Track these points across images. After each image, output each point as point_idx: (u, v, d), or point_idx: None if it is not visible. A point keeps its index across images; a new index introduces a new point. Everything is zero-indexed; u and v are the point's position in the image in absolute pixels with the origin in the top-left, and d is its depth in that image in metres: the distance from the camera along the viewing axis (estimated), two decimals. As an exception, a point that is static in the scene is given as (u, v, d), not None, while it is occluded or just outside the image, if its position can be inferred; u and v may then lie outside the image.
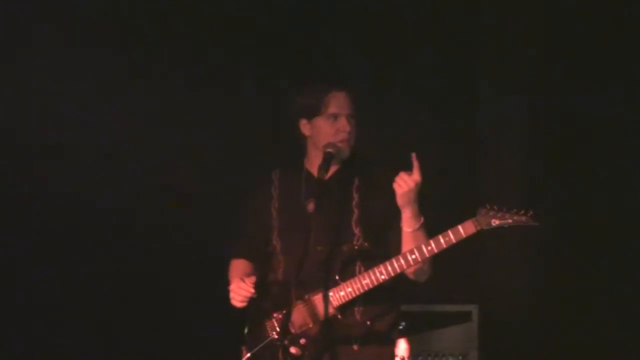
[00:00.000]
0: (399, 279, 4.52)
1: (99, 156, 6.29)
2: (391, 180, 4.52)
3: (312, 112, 4.62)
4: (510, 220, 4.34)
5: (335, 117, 4.58)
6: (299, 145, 4.70)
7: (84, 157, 6.25)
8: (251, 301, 4.56)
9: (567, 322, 6.22)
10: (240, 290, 4.53)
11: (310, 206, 4.49)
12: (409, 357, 5.95)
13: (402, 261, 4.40)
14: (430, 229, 4.47)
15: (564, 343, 6.20)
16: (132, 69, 6.26)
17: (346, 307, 4.47)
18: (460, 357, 6.05)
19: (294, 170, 4.72)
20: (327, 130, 4.60)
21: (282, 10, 6.57)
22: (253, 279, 4.56)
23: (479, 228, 4.35)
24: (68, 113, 6.17)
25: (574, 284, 6.22)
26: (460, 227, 4.36)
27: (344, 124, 4.57)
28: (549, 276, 6.33)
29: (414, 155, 4.45)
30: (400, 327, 4.70)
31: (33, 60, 6.13)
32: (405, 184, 4.43)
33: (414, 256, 4.38)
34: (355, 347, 4.52)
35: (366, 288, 4.43)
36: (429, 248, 4.37)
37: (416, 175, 4.44)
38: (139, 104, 6.30)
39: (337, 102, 4.58)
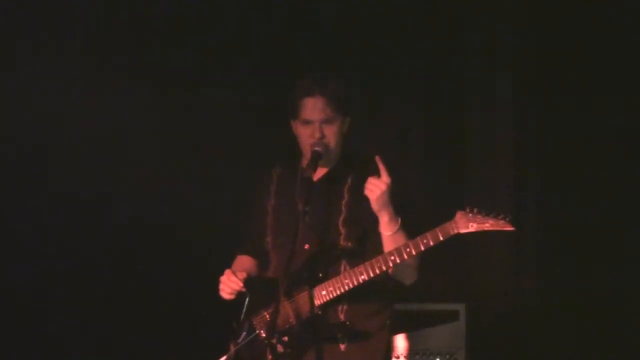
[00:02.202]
0: (388, 279, 4.55)
1: (100, 156, 6.33)
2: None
3: (293, 115, 4.67)
4: (487, 225, 4.34)
5: (307, 122, 4.61)
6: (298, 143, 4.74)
7: (86, 158, 6.29)
8: (239, 296, 4.60)
9: (554, 321, 6.25)
10: (230, 283, 4.57)
11: (300, 205, 4.49)
12: (407, 356, 6.01)
13: (382, 263, 4.42)
14: (417, 230, 4.45)
15: (550, 341, 6.22)
16: (132, 68, 6.29)
17: (329, 306, 4.51)
18: (447, 356, 6.07)
19: (293, 168, 4.76)
20: (301, 134, 4.65)
21: (280, 9, 6.62)
22: (244, 274, 4.59)
23: (456, 232, 4.36)
24: (69, 114, 6.20)
25: (561, 283, 6.25)
26: (438, 231, 4.37)
27: (314, 130, 4.59)
28: (536, 275, 6.37)
29: (378, 158, 4.47)
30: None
31: (34, 61, 6.18)
32: (376, 187, 4.44)
33: (392, 257, 4.40)
34: (342, 346, 4.55)
35: (346, 288, 4.45)
36: (407, 250, 4.38)
37: (385, 178, 4.45)
38: (141, 104, 6.34)
39: (310, 108, 4.60)
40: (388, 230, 4.49)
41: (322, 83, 4.63)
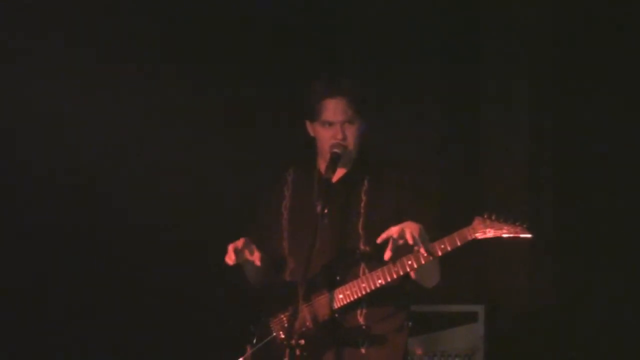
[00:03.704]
0: (406, 281, 4.52)
1: (106, 158, 6.30)
2: (400, 183, 4.57)
3: (311, 117, 4.64)
4: (504, 231, 4.36)
5: (329, 123, 4.58)
6: (313, 144, 4.72)
7: (86, 158, 6.26)
8: (258, 298, 4.66)
9: (573, 323, 6.23)
10: (229, 255, 4.51)
11: (319, 207, 4.44)
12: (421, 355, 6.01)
13: (399, 267, 4.40)
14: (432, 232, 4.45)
15: (568, 343, 6.21)
16: (137, 69, 6.26)
17: (348, 310, 4.49)
18: (466, 358, 6.06)
19: (307, 170, 4.73)
20: (323, 136, 4.61)
21: (292, 9, 6.59)
22: (259, 255, 4.54)
23: (473, 237, 4.36)
24: (71, 114, 6.18)
25: (579, 286, 6.23)
26: (455, 236, 4.36)
27: (336, 131, 4.57)
28: (554, 277, 6.35)
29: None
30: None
31: (39, 62, 6.13)
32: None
33: (410, 262, 4.38)
34: (362, 350, 4.54)
35: (364, 292, 4.45)
36: (425, 255, 4.36)
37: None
38: (149, 106, 6.33)
39: (331, 109, 4.57)
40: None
41: (342, 84, 4.62)
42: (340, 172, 4.64)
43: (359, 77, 5.64)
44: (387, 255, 4.34)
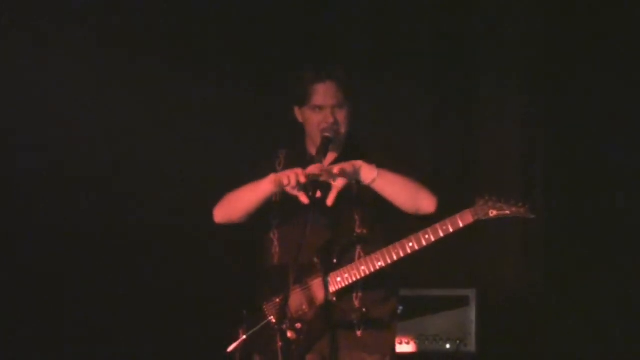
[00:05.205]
0: (398, 264, 4.52)
1: (101, 153, 6.31)
2: (389, 166, 4.56)
3: (300, 102, 4.64)
4: (507, 212, 4.38)
5: (320, 108, 4.59)
6: (301, 131, 4.72)
7: (84, 156, 6.26)
8: (250, 284, 4.65)
9: (564, 307, 6.24)
10: (296, 174, 4.42)
11: (313, 190, 4.41)
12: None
13: (399, 249, 4.43)
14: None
15: (560, 327, 6.22)
16: (129, 64, 6.27)
17: (344, 293, 4.49)
18: (457, 341, 6.05)
19: (299, 154, 4.73)
20: (312, 121, 4.61)
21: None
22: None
23: (476, 218, 4.38)
24: (68, 111, 6.18)
25: (571, 270, 6.24)
26: (458, 217, 4.39)
27: (327, 115, 4.58)
28: (546, 261, 6.36)
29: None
30: (398, 311, 4.74)
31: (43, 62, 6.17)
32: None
33: (411, 244, 4.41)
34: (358, 332, 4.55)
35: (362, 275, 4.46)
36: (427, 237, 4.40)
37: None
38: (142, 100, 6.33)
39: (322, 94, 4.58)
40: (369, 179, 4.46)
41: (332, 69, 4.63)
42: (331, 157, 4.64)
43: (352, 60, 5.62)
44: (330, 200, 4.38)
